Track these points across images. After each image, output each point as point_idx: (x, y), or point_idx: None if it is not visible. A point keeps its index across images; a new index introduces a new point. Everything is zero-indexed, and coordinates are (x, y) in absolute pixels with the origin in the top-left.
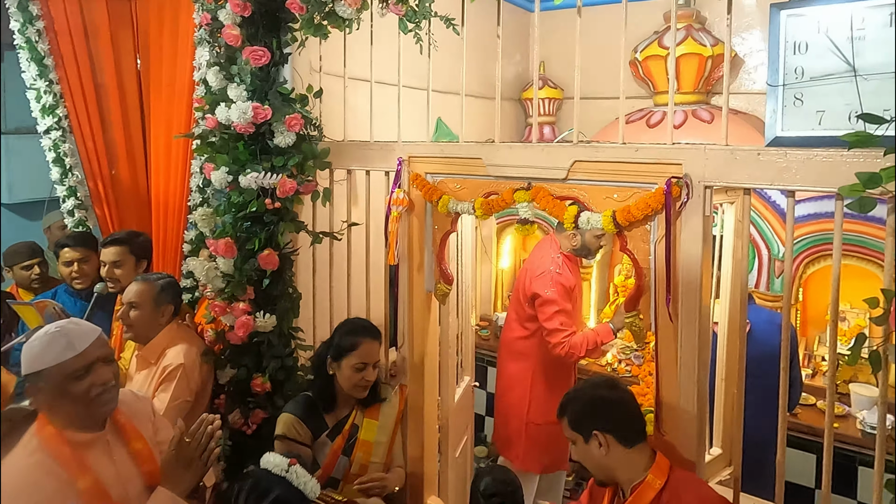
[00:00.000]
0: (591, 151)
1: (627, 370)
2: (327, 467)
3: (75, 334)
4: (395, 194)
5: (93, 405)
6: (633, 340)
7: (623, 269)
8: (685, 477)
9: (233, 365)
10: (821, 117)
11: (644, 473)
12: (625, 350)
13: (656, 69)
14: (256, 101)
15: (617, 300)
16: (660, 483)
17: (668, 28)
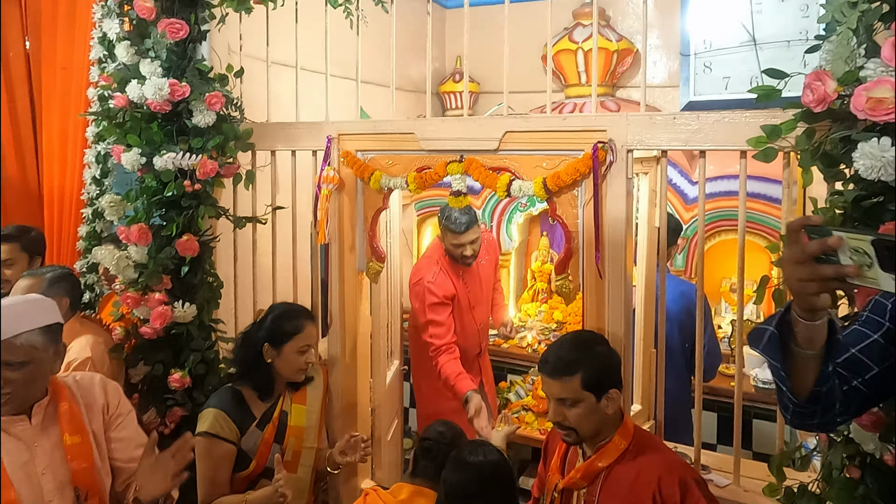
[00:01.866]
0: (522, 122)
1: None
2: (260, 458)
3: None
4: (325, 172)
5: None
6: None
7: (540, 256)
8: (648, 440)
9: (146, 361)
10: (727, 83)
11: (611, 433)
12: (543, 331)
13: (567, 62)
14: (173, 79)
15: (535, 285)
16: (625, 444)
17: (577, 24)
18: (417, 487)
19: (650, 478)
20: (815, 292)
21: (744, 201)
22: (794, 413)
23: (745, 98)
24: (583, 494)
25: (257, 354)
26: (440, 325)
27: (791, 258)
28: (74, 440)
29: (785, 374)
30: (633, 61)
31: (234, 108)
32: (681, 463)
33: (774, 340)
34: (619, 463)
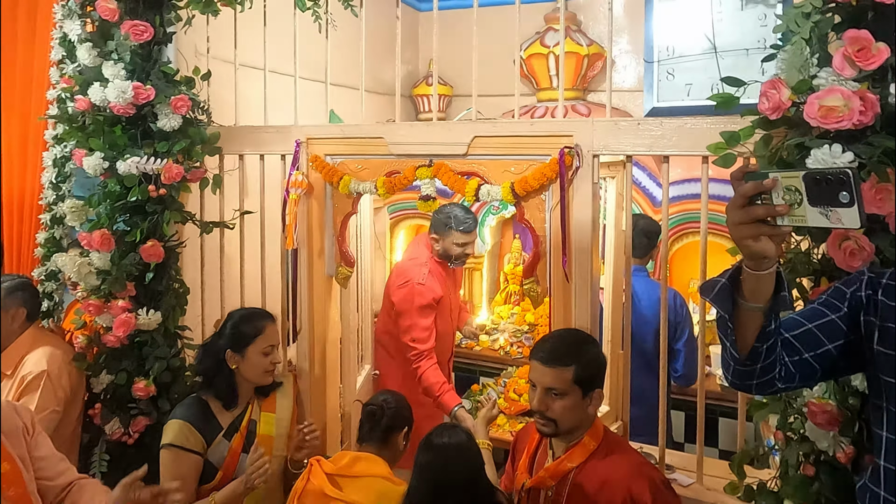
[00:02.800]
0: (490, 127)
1: (519, 352)
2: (228, 469)
3: None
4: (294, 177)
5: None
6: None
7: (512, 258)
8: (616, 441)
9: (109, 370)
10: (689, 89)
11: (581, 435)
12: (516, 333)
13: (539, 66)
14: (137, 81)
15: (507, 288)
16: (594, 445)
17: (549, 29)
18: (358, 453)
19: (620, 481)
20: (751, 235)
21: (706, 204)
22: (734, 372)
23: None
24: (550, 495)
25: (219, 362)
26: (425, 329)
27: (731, 204)
28: (5, 468)
29: (731, 327)
30: (603, 65)
31: (201, 111)
32: (648, 465)
33: (724, 291)
34: (587, 464)
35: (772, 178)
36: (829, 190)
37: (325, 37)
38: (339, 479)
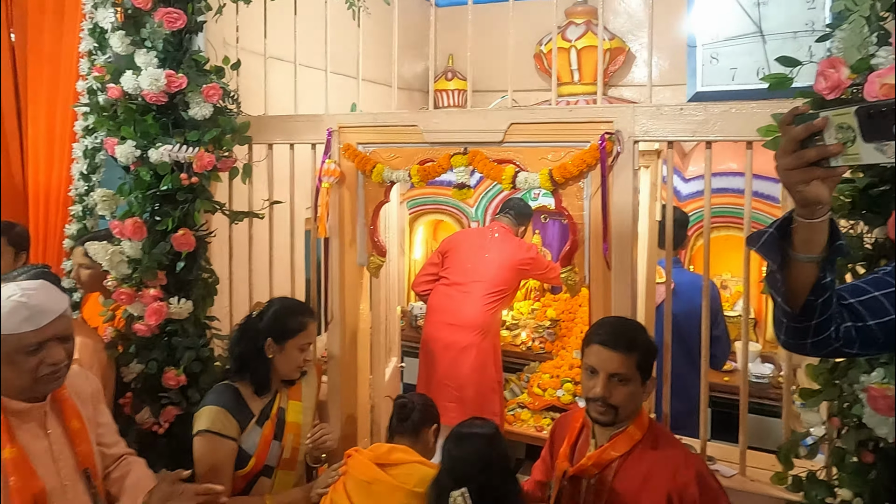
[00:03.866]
0: (528, 114)
1: (541, 347)
2: (260, 455)
3: (38, 308)
4: (326, 165)
5: (38, 382)
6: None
7: None
8: (662, 432)
9: (140, 360)
10: (734, 73)
11: (626, 424)
12: (537, 329)
13: (560, 61)
14: (169, 70)
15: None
16: (639, 435)
17: (569, 23)
18: (394, 445)
19: (665, 472)
20: (804, 180)
21: (749, 195)
22: (787, 330)
23: (753, 89)
24: (592, 483)
25: (259, 349)
26: None
27: (780, 149)
28: (76, 425)
29: (781, 279)
30: (624, 60)
31: (231, 100)
32: (695, 457)
33: (772, 241)
34: (631, 453)
35: (822, 117)
36: (884, 123)
37: (358, 25)
38: (381, 466)
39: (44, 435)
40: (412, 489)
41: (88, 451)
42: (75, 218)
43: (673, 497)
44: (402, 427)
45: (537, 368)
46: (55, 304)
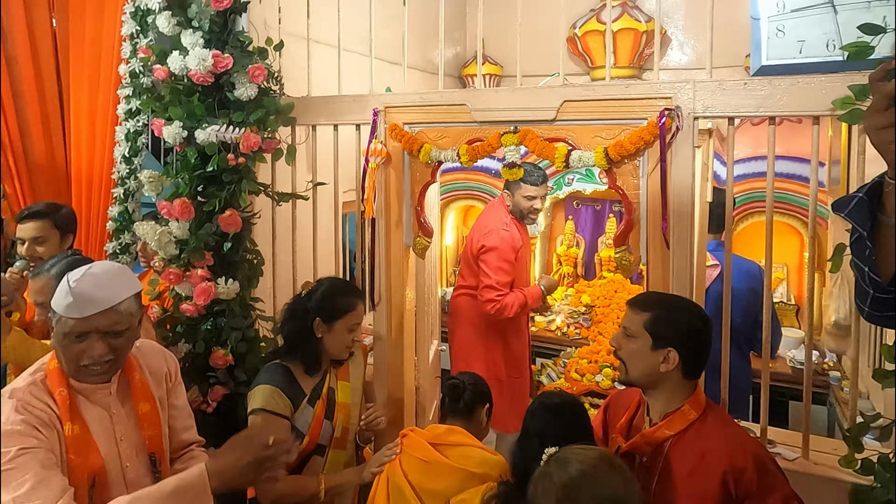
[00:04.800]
0: (582, 91)
1: (577, 333)
2: (313, 434)
3: (82, 297)
4: (373, 145)
5: (80, 372)
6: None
7: (565, 240)
8: (719, 414)
9: (187, 340)
10: (801, 46)
11: (680, 403)
12: (573, 315)
13: (595, 44)
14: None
15: (560, 269)
16: (694, 415)
17: (604, 5)
18: (450, 426)
19: (721, 453)
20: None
21: (815, 171)
22: (872, 301)
23: (821, 62)
24: (644, 461)
25: (308, 329)
26: (507, 274)
27: (871, 108)
28: (145, 408)
29: (870, 247)
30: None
31: (275, 81)
32: (753, 440)
33: (862, 206)
34: (686, 433)
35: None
36: None
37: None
38: (439, 446)
39: (107, 415)
40: (472, 470)
41: (156, 435)
42: (117, 200)
43: (728, 479)
44: (454, 408)
45: (574, 354)
46: (106, 297)
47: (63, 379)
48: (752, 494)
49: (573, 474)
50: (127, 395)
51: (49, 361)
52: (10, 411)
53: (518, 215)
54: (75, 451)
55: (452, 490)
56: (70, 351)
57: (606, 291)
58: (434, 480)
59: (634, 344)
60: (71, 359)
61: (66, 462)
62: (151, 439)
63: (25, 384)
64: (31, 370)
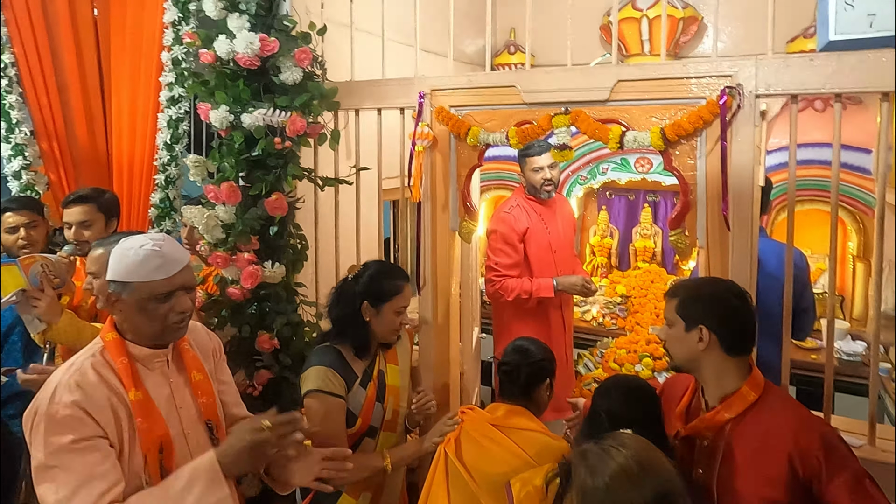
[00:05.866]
0: (636, 70)
1: (613, 323)
2: (366, 416)
3: (169, 257)
4: (420, 128)
5: (167, 330)
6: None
7: (599, 230)
8: (780, 394)
9: (233, 324)
10: (871, 20)
11: (738, 384)
12: (608, 305)
13: (630, 31)
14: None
15: (594, 260)
16: (754, 396)
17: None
18: (511, 406)
19: (784, 434)
20: None
21: (886, 148)
22: None
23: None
24: (706, 446)
25: (356, 312)
26: (507, 256)
27: None
28: (198, 377)
29: None
30: (697, 30)
31: (319, 65)
32: (818, 419)
33: None
34: (746, 415)
35: None
36: None
37: None
38: (499, 428)
39: (166, 383)
40: (530, 459)
41: (211, 402)
42: (159, 187)
43: (795, 459)
44: (511, 390)
45: (611, 344)
46: (182, 255)
47: (122, 348)
48: (819, 474)
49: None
50: (180, 365)
51: (105, 334)
52: (64, 390)
53: (533, 192)
54: (142, 416)
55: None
56: (156, 312)
57: (642, 282)
58: (490, 464)
59: (672, 330)
60: (157, 319)
61: (136, 429)
62: (207, 407)
63: (83, 358)
64: (87, 349)
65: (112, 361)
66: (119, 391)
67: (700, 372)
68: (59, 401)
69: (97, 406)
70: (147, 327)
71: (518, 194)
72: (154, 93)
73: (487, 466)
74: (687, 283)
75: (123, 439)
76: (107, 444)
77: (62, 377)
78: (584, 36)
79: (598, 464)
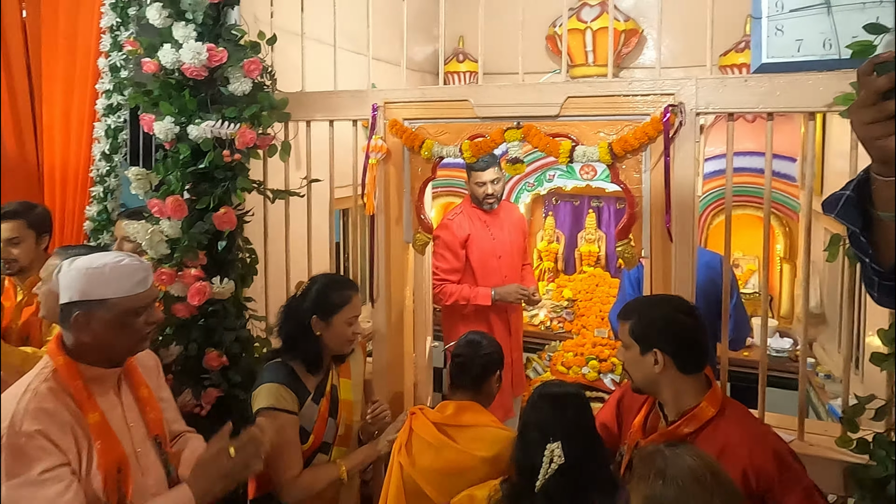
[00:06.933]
0: (586, 87)
1: (560, 327)
2: (318, 432)
3: (148, 269)
4: (374, 141)
5: (140, 342)
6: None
7: (546, 235)
8: (738, 409)
9: (179, 341)
10: (799, 45)
11: (697, 400)
12: (555, 309)
13: (574, 42)
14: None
15: (541, 265)
16: (712, 412)
17: (583, 4)
18: (461, 402)
19: (740, 450)
20: (884, 134)
21: (812, 165)
22: (879, 288)
23: (818, 60)
24: None
25: (305, 327)
26: (447, 261)
27: (858, 102)
28: (144, 392)
29: (865, 241)
30: (637, 41)
31: (269, 76)
32: (773, 435)
33: (850, 203)
34: (703, 430)
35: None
36: None
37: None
38: (448, 428)
39: (118, 402)
40: (482, 455)
41: (158, 418)
42: (96, 200)
43: (749, 475)
44: (461, 382)
45: (559, 347)
46: (149, 265)
47: (75, 371)
48: (772, 489)
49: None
50: (130, 382)
51: (55, 357)
52: (26, 419)
53: (477, 203)
54: (101, 439)
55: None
56: (132, 327)
57: (587, 286)
58: (443, 464)
59: (629, 353)
60: (133, 334)
61: (96, 452)
62: (155, 422)
63: (36, 384)
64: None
65: (67, 385)
66: (78, 415)
67: (659, 392)
68: (22, 430)
69: (60, 433)
70: (125, 342)
71: (465, 202)
72: (90, 100)
73: (442, 467)
74: (641, 305)
75: (82, 463)
76: (69, 472)
77: (18, 405)
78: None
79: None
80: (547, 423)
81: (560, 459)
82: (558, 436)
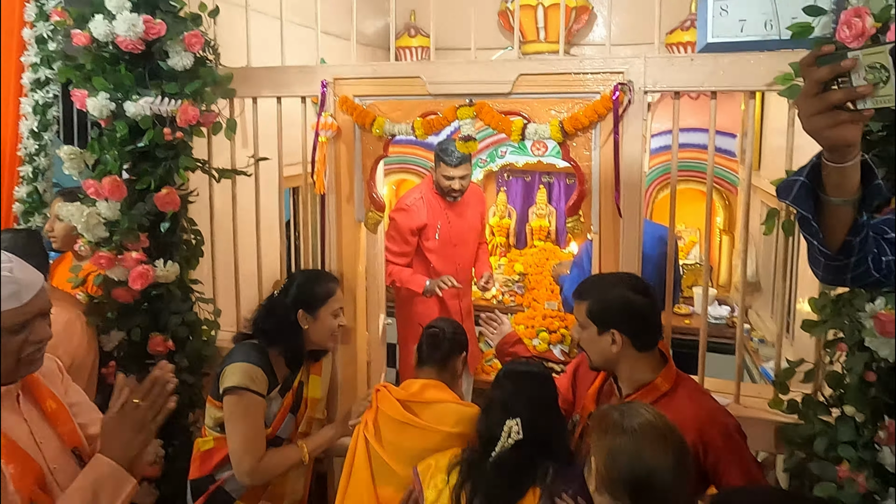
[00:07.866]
0: (537, 65)
1: (512, 300)
2: (275, 426)
3: (24, 282)
4: (323, 118)
5: (20, 364)
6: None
7: (498, 211)
8: (690, 385)
9: (121, 327)
10: (742, 25)
11: (652, 376)
12: (507, 283)
13: (526, 18)
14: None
15: (493, 240)
16: (666, 387)
17: None
18: (426, 381)
19: (690, 425)
20: (829, 125)
21: (752, 142)
22: (825, 268)
23: (759, 40)
24: None
25: (292, 322)
26: (400, 244)
27: (803, 93)
28: (52, 405)
29: (816, 227)
30: (588, 18)
31: (212, 50)
32: (722, 411)
33: (804, 190)
34: (657, 404)
35: (851, 57)
36: None
37: None
38: (413, 405)
39: (21, 420)
40: (448, 430)
41: (72, 429)
42: (25, 180)
43: (698, 447)
44: (430, 358)
45: (510, 320)
46: (37, 277)
47: None
48: (718, 462)
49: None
50: (31, 397)
51: None
52: None
53: (440, 192)
54: (13, 463)
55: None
56: (9, 347)
57: (538, 259)
58: (409, 441)
59: (586, 333)
60: (10, 355)
61: (10, 477)
62: (70, 435)
63: None
64: None
65: None
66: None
67: (616, 369)
68: None
69: None
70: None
71: (426, 185)
72: (15, 74)
73: (408, 443)
74: (597, 285)
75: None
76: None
77: None
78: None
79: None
80: (509, 400)
81: (518, 435)
82: (519, 412)
